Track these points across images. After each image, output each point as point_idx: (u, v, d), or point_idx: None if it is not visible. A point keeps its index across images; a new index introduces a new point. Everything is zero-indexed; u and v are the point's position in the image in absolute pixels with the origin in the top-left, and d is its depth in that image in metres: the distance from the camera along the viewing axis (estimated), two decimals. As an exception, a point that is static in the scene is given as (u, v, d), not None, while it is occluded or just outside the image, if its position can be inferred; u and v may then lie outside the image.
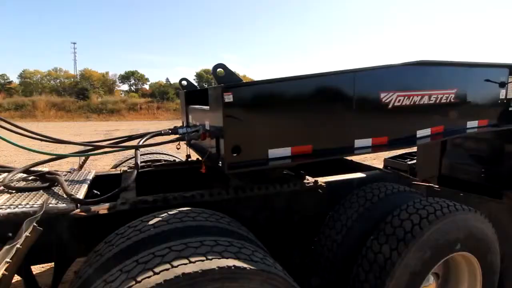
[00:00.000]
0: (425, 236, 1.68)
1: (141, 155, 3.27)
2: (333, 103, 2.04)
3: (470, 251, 1.94)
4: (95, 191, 2.13)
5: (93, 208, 1.77)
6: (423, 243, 1.68)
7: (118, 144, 2.36)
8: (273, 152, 1.89)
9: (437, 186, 2.76)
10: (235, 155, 1.76)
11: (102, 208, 1.78)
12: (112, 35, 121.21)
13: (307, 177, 2.31)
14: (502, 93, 2.91)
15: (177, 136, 2.17)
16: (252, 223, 2.12)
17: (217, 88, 1.70)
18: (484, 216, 1.98)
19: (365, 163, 3.38)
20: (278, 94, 1.87)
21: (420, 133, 2.41)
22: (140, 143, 2.18)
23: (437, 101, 2.43)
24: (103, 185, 2.34)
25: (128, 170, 2.54)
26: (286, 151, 1.92)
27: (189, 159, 2.78)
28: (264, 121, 1.84)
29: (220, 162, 1.82)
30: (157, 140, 2.31)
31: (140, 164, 2.40)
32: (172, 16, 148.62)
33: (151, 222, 1.53)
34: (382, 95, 2.17)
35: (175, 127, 2.34)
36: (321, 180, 2.34)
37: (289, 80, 1.89)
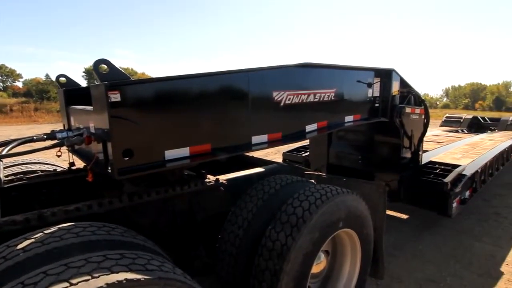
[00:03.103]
0: (313, 220, 1.88)
1: (8, 167, 2.72)
2: (229, 102, 2.08)
3: (350, 227, 2.26)
4: None
5: None
6: (312, 226, 1.87)
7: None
8: (170, 153, 1.82)
9: (324, 174, 3.12)
10: (126, 159, 1.62)
11: None
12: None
13: (208, 176, 2.30)
14: (370, 92, 3.46)
15: (55, 141, 1.87)
16: (152, 229, 2.01)
17: (100, 87, 1.53)
18: (359, 196, 2.34)
19: (267, 158, 3.58)
20: (173, 92, 1.80)
21: (308, 127, 2.68)
22: (4, 153, 1.79)
23: (321, 99, 2.74)
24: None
25: (-11, 187, 2.06)
26: (184, 151, 1.88)
27: (73, 167, 2.44)
28: (159, 121, 1.75)
29: (109, 168, 1.65)
30: (34, 147, 1.95)
31: (6, 178, 1.98)
32: (54, 1, 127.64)
33: (20, 246, 1.28)
34: (275, 94, 2.33)
35: (52, 131, 2.02)
36: (222, 177, 2.37)
37: (184, 79, 1.84)
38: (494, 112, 51.84)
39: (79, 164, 2.37)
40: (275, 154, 8.71)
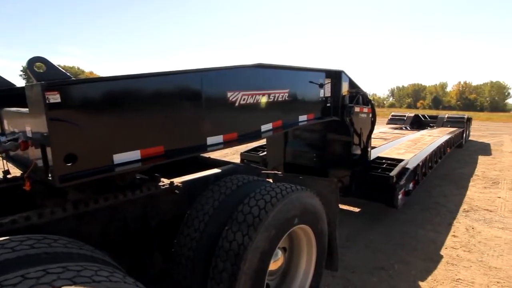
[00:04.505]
0: (270, 218, 1.91)
1: None
2: (182, 102, 2.03)
3: (306, 223, 2.33)
4: None
5: None
6: (268, 224, 1.90)
7: None
8: (119, 157, 1.72)
9: (280, 172, 3.19)
10: (69, 164, 1.51)
11: None
12: None
13: (162, 179, 2.23)
14: (322, 92, 3.60)
15: (-15, 148, 1.68)
16: (101, 238, 1.90)
17: (36, 87, 1.41)
18: (313, 193, 2.42)
19: (226, 158, 3.57)
20: (121, 93, 1.71)
21: (264, 127, 2.72)
22: None
23: (275, 99, 2.79)
24: None
25: None
26: (134, 154, 1.79)
27: (8, 176, 2.21)
28: (106, 123, 1.65)
29: (50, 175, 1.52)
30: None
31: None
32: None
33: None
34: (229, 94, 2.32)
35: (-19, 136, 1.81)
36: (177, 180, 2.31)
37: (132, 78, 1.76)
38: (433, 110, 57.05)
39: (16, 172, 2.16)
40: (233, 155, 8.71)
